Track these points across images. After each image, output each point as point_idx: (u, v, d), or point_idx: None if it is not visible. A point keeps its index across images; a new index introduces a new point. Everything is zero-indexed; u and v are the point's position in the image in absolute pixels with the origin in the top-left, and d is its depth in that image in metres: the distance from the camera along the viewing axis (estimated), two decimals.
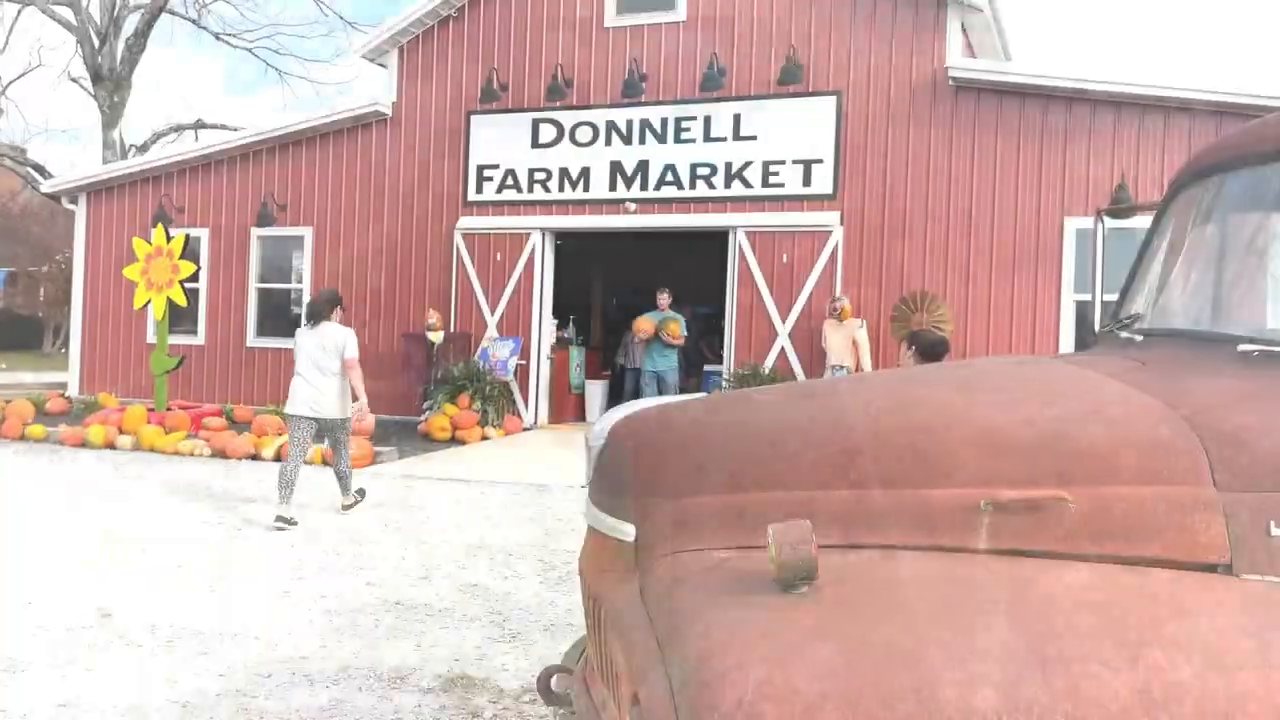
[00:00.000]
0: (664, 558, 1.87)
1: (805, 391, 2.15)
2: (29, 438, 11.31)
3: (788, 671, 1.39)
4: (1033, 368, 2.12)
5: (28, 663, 4.14)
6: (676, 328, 12.26)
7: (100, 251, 15.14)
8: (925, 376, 2.15)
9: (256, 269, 14.47)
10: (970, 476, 1.74)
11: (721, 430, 1.98)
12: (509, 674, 4.15)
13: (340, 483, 7.57)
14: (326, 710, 3.72)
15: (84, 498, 7.86)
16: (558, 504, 8.08)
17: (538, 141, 13.09)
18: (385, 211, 13.77)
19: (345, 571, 5.76)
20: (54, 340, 30.44)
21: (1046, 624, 1.44)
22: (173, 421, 11.26)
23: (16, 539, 6.36)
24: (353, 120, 13.85)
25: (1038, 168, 11.10)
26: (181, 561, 5.89)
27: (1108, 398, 1.83)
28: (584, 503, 2.28)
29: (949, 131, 11.45)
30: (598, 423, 2.33)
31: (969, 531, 1.72)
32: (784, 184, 12.06)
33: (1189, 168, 2.54)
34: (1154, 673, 1.37)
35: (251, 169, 14.46)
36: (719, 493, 1.89)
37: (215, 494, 8.19)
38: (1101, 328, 2.79)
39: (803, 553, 1.54)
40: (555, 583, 5.64)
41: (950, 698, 1.35)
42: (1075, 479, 1.70)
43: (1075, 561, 1.64)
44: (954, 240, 11.39)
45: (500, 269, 13.12)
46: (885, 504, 1.77)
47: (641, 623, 1.73)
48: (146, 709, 3.69)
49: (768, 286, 11.96)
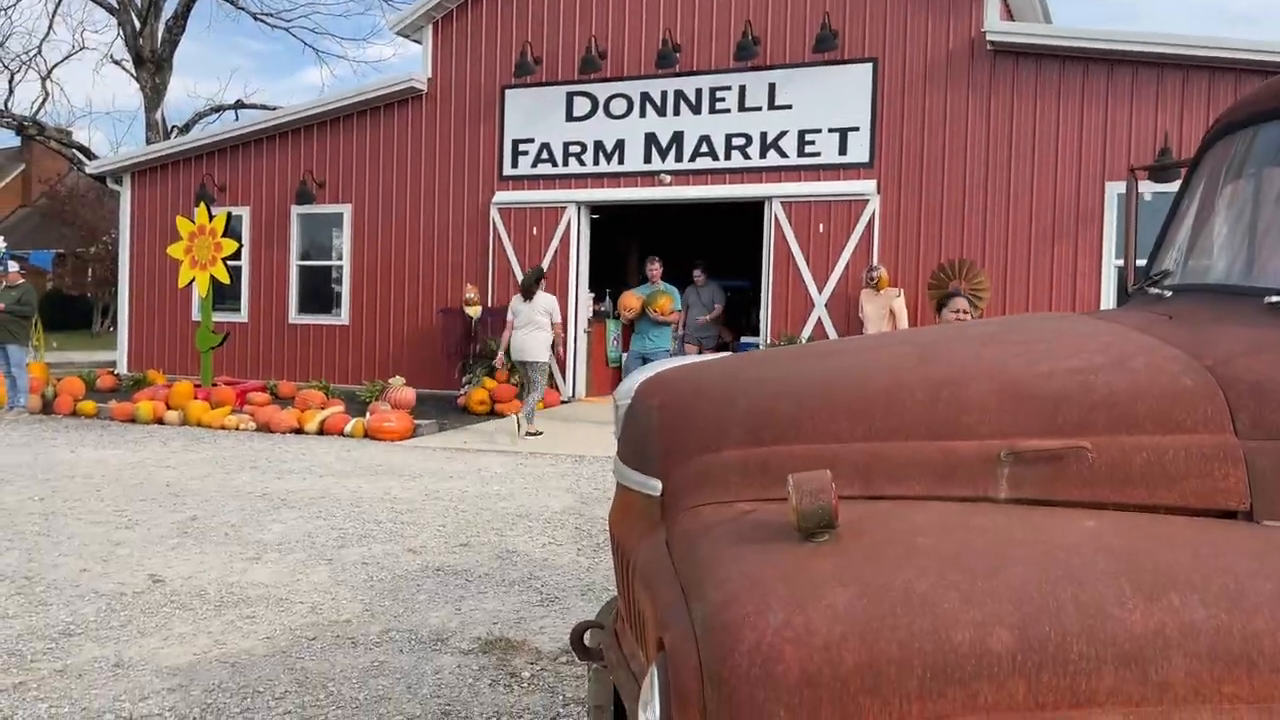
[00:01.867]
0: (689, 511, 1.91)
1: (827, 349, 2.17)
2: (80, 413, 11.60)
3: (807, 614, 1.42)
4: (1057, 322, 2.12)
5: (84, 626, 4.28)
6: (667, 303, 10.76)
7: (145, 231, 15.41)
8: (947, 331, 2.16)
9: (297, 247, 14.66)
10: (991, 428, 1.76)
11: (745, 386, 2.01)
12: (546, 637, 4.23)
13: (526, 413, 9.96)
14: (369, 670, 3.82)
15: (133, 470, 8.06)
16: (594, 474, 8.16)
17: (572, 114, 13.09)
18: (422, 187, 13.87)
19: (387, 539, 5.87)
20: (102, 320, 31.03)
21: (1064, 568, 1.46)
22: (218, 397, 11.48)
23: (68, 509, 6.55)
24: (388, 97, 13.93)
25: (1078, 132, 10.93)
26: (228, 531, 6.04)
27: (1131, 349, 1.83)
28: (613, 462, 2.33)
29: (987, 96, 11.30)
30: (625, 382, 2.37)
31: (989, 482, 1.74)
32: (820, 153, 11.98)
33: (1220, 122, 2.52)
34: (1170, 613, 1.39)
35: (290, 148, 14.62)
36: (742, 447, 1.92)
37: (259, 466, 8.36)
38: (1133, 286, 2.77)
39: (822, 501, 1.57)
40: (592, 550, 5.71)
41: (967, 639, 1.38)
42: (1096, 429, 1.71)
43: (1095, 510, 1.66)
44: (993, 207, 11.26)
45: (536, 243, 13.18)
46: (906, 455, 1.79)
47: (666, 572, 1.77)
48: (197, 669, 3.81)
49: (804, 256, 11.92)
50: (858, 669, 1.38)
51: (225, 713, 3.42)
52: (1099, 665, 1.36)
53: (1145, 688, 1.36)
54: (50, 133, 25.58)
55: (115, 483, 7.51)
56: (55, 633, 4.19)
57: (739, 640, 1.42)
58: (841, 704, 1.37)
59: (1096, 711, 1.36)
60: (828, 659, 1.38)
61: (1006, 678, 1.37)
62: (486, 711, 3.47)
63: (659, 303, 10.69)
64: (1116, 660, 1.36)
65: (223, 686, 3.65)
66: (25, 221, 34.23)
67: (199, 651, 4.01)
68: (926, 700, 1.37)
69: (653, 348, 10.58)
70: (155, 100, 24.22)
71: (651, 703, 1.59)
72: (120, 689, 3.61)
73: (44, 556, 5.38)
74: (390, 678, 3.76)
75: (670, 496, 1.99)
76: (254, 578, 5.06)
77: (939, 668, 1.37)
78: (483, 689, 3.67)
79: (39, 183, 34.32)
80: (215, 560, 5.37)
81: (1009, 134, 11.20)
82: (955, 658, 1.37)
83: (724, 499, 1.90)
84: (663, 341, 10.78)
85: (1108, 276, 10.78)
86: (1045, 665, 1.37)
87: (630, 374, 10.77)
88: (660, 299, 10.76)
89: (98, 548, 5.58)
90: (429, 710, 3.47)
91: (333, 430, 10.33)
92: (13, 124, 25.48)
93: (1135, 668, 1.36)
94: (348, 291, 14.25)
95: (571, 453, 9.11)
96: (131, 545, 5.66)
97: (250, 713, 3.42)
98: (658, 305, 10.67)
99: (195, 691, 3.59)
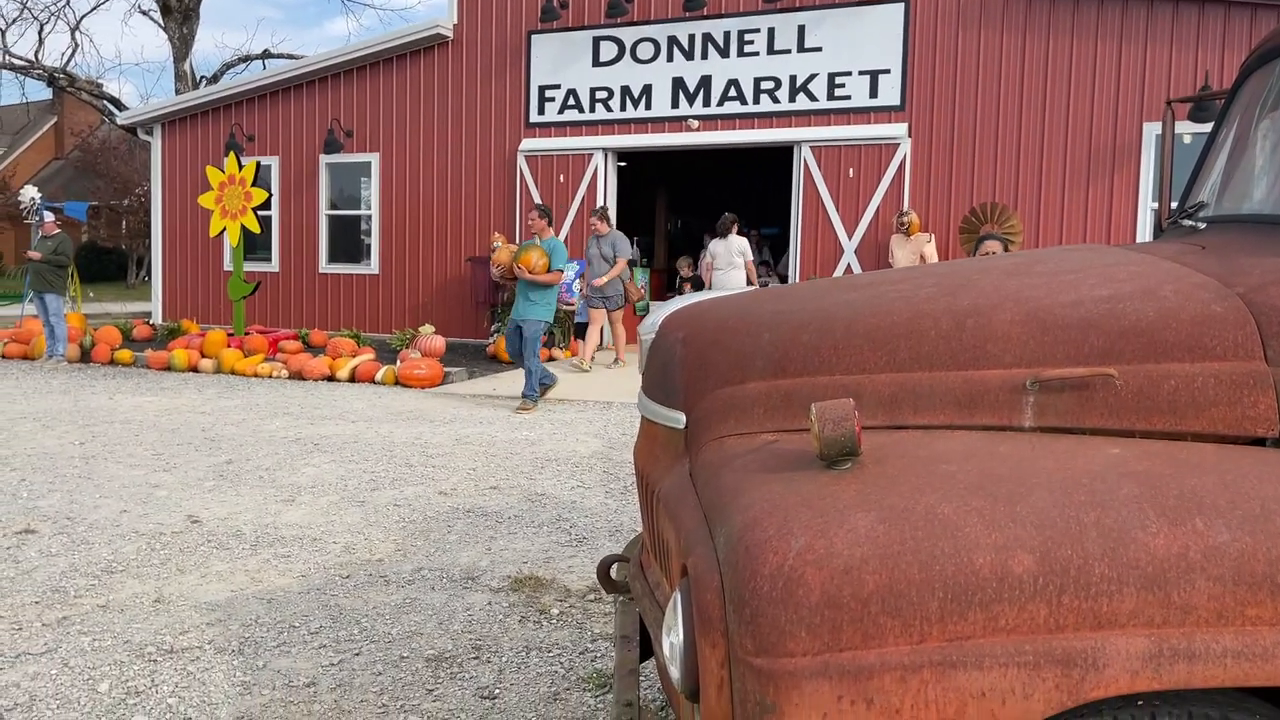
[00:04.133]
0: (712, 442, 1.92)
1: (851, 282, 2.16)
2: (118, 362, 11.78)
3: (829, 538, 1.44)
4: (1086, 253, 2.10)
5: (125, 564, 4.39)
6: (535, 259, 8.53)
7: (176, 181, 15.50)
8: (972, 264, 2.14)
9: (326, 196, 14.70)
10: (1016, 356, 1.75)
11: (769, 318, 2.01)
12: (575, 575, 4.29)
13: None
14: (401, 607, 3.90)
15: (170, 416, 8.20)
16: (622, 420, 8.20)
17: (599, 60, 12.95)
18: (449, 135, 13.82)
19: (418, 482, 5.95)
20: (137, 272, 31.35)
21: (1087, 494, 1.46)
22: (251, 345, 11.61)
23: (107, 453, 6.68)
24: (414, 44, 13.83)
25: (1116, 72, 10.68)
26: (262, 474, 6.14)
27: (1161, 277, 1.81)
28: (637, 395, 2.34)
29: (1022, 36, 11.05)
30: (649, 317, 2.37)
31: (1014, 411, 1.73)
32: (850, 96, 11.80)
33: (1257, 52, 2.45)
34: (1194, 537, 1.39)
35: (317, 96, 14.59)
36: (766, 379, 1.92)
37: (292, 412, 8.47)
38: (1167, 219, 2.73)
39: (845, 429, 1.57)
40: (620, 493, 5.76)
41: (988, 562, 1.39)
42: (1124, 356, 1.69)
43: (1121, 437, 1.65)
44: (1026, 150, 11.06)
45: (563, 191, 13.12)
46: (930, 385, 1.79)
47: (690, 501, 1.79)
48: (234, 604, 3.90)
49: (833, 202, 11.80)
50: (879, 591, 1.39)
51: (263, 646, 3.50)
52: (1121, 588, 1.37)
53: (1168, 610, 1.36)
54: (81, 84, 25.68)
55: (153, 428, 7.65)
56: (97, 570, 4.30)
57: (761, 563, 1.44)
58: (862, 625, 1.39)
59: (1118, 634, 1.37)
60: (849, 581, 1.40)
61: (1027, 600, 1.38)
62: (516, 646, 3.53)
63: (527, 257, 8.57)
64: (1139, 583, 1.37)
65: (259, 621, 3.73)
66: (59, 174, 34.51)
67: (236, 588, 4.10)
68: (947, 622, 1.38)
69: (525, 314, 8.60)
70: (183, 51, 24.21)
71: (675, 626, 1.62)
72: (161, 623, 3.71)
73: (85, 498, 5.51)
74: (422, 614, 3.83)
75: (694, 428, 2.01)
76: (288, 519, 5.15)
77: (960, 590, 1.38)
78: (512, 625, 3.73)
79: (71, 135, 34.51)
80: (250, 502, 5.47)
81: (1044, 74, 10.96)
82: (976, 581, 1.38)
83: (748, 430, 1.91)
84: (539, 309, 8.61)
85: (1144, 220, 10.59)
86: (1067, 588, 1.37)
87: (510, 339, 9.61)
88: (529, 253, 8.60)
89: (137, 490, 5.70)
90: (460, 645, 3.54)
91: (364, 378, 10.43)
92: (44, 75, 25.59)
93: (1158, 590, 1.36)
94: (377, 241, 14.30)
95: (598, 399, 9.15)
96: (169, 488, 5.77)
97: (287, 646, 3.51)
98: (523, 260, 8.57)
99: (233, 626, 3.69)
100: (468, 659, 3.42)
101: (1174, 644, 1.35)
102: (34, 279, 11.63)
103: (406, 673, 3.31)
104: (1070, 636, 1.37)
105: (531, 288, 8.58)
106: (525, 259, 8.55)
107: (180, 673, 3.28)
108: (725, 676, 1.47)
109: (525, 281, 8.57)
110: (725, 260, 11.26)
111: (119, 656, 3.40)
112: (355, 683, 3.23)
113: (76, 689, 3.16)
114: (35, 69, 25.49)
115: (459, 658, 3.43)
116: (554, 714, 3.03)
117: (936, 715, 1.37)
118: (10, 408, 8.50)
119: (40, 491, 5.64)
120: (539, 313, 8.62)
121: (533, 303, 8.60)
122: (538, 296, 8.62)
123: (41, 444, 6.98)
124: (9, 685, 3.17)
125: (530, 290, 8.60)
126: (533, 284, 8.55)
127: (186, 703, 3.07)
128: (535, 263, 8.51)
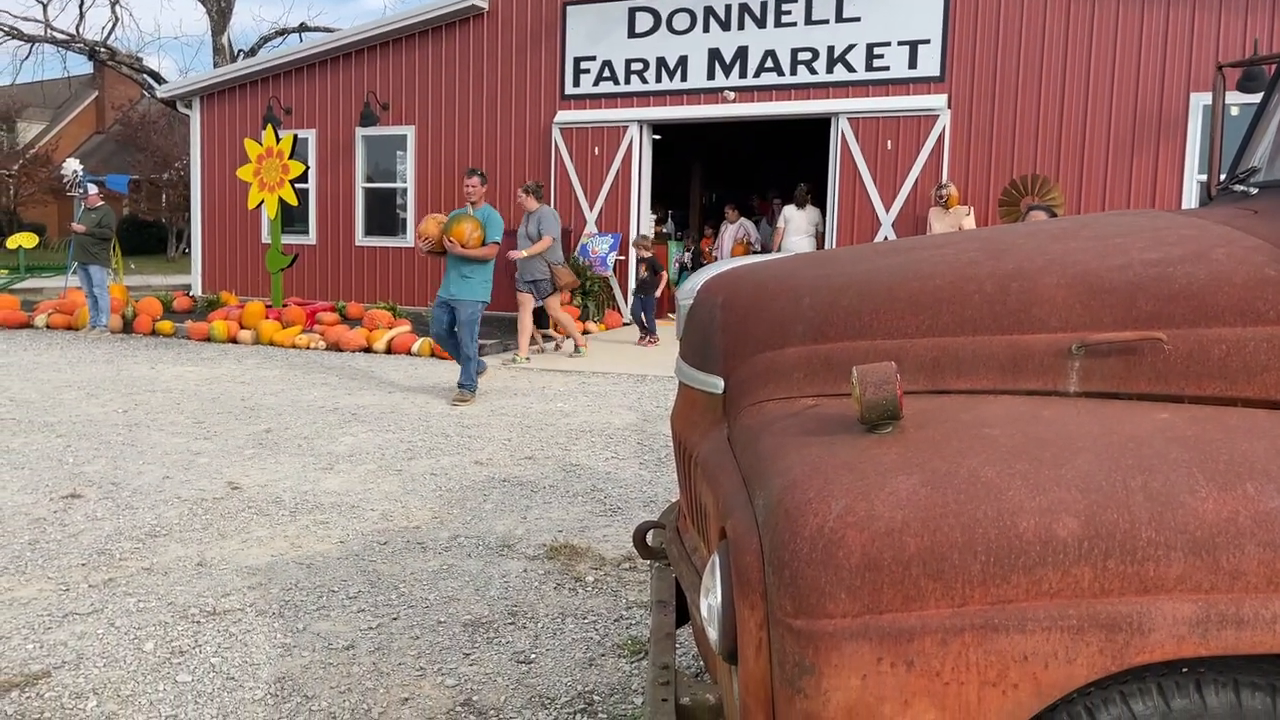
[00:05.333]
0: (751, 407, 1.91)
1: (892, 247, 2.14)
2: (159, 332, 11.95)
3: (870, 500, 1.43)
4: (1135, 217, 2.06)
5: (168, 528, 4.47)
6: (469, 230, 7.54)
7: (215, 154, 15.63)
8: (1017, 229, 2.10)
9: (362, 169, 14.76)
10: (1062, 321, 1.72)
11: (809, 282, 1.99)
12: (609, 544, 4.31)
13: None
14: (438, 573, 3.93)
15: (210, 386, 8.31)
16: (656, 393, 8.20)
17: (634, 31, 12.86)
18: (484, 108, 13.81)
19: (454, 452, 5.99)
20: (177, 245, 31.71)
21: (1134, 458, 1.44)
22: (289, 316, 11.73)
23: (150, 421, 6.79)
24: (449, 16, 13.81)
25: (1162, 40, 10.44)
26: (300, 443, 6.21)
27: (1212, 240, 1.77)
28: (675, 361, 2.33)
29: (1066, 4, 10.82)
30: (687, 281, 2.36)
31: (1060, 375, 1.71)
32: (889, 67, 11.64)
33: None
34: (1244, 502, 1.36)
35: (354, 69, 14.63)
36: (806, 343, 1.91)
37: (329, 383, 8.55)
38: (1218, 186, 2.67)
39: (886, 392, 1.56)
40: (654, 464, 5.77)
41: (1032, 525, 1.38)
42: (1174, 320, 1.66)
43: (1170, 402, 1.62)
44: (1069, 121, 10.86)
45: (598, 164, 13.09)
46: (973, 350, 1.76)
47: (729, 465, 1.78)
48: (274, 569, 3.96)
49: (871, 174, 11.67)
50: (920, 554, 1.38)
51: (303, 609, 3.55)
52: (1168, 553, 1.35)
53: (1216, 575, 1.34)
54: (122, 58, 25.93)
55: (193, 397, 7.75)
56: (141, 534, 4.38)
57: (802, 525, 1.43)
58: (903, 588, 1.38)
59: (1164, 598, 1.35)
60: (890, 544, 1.39)
61: (1072, 564, 1.36)
62: (552, 612, 3.56)
63: (458, 229, 7.54)
64: (1186, 548, 1.35)
65: (299, 585, 3.79)
66: (100, 148, 34.91)
67: (276, 553, 4.16)
68: (989, 585, 1.37)
69: (459, 293, 7.63)
70: (221, 24, 24.36)
71: (714, 589, 1.62)
72: (203, 586, 3.77)
73: (129, 464, 5.60)
74: (459, 580, 3.87)
75: (733, 393, 2.00)
76: (327, 486, 5.21)
77: (1003, 553, 1.37)
78: (548, 592, 3.76)
79: (112, 109, 34.89)
80: (290, 470, 5.54)
81: (1088, 43, 10.74)
82: (1020, 544, 1.37)
83: (787, 395, 1.89)
84: (473, 288, 7.65)
85: (1189, 192, 10.38)
86: (1112, 552, 1.36)
87: (438, 321, 7.69)
88: (460, 224, 7.57)
89: (178, 457, 5.79)
90: (497, 610, 3.57)
91: (400, 349, 10.50)
92: (85, 49, 25.85)
93: (1206, 556, 1.34)
94: (412, 214, 14.35)
95: (633, 372, 9.16)
96: (210, 455, 5.86)
97: (326, 610, 3.55)
98: (454, 232, 7.54)
99: (274, 590, 3.74)
100: (504, 624, 3.45)
101: (1222, 609, 1.33)
102: (77, 251, 11.80)
103: (444, 637, 3.34)
104: (1115, 601, 1.35)
105: (465, 263, 7.58)
106: (458, 231, 7.50)
107: (222, 634, 3.34)
108: (764, 638, 1.47)
109: (457, 257, 7.58)
110: (797, 228, 12.18)
111: (163, 617, 3.47)
112: (393, 646, 3.27)
113: (122, 648, 3.22)
114: (76, 43, 25.77)
115: (495, 623, 3.46)
116: (589, 679, 3.05)
117: (978, 678, 1.36)
118: (56, 376, 8.65)
119: (86, 458, 5.74)
120: (475, 292, 7.65)
121: (467, 280, 7.61)
122: (473, 273, 7.62)
123: (86, 412, 7.10)
124: (57, 644, 3.25)
125: (464, 266, 7.60)
126: (467, 259, 7.58)
127: (229, 663, 3.13)
128: (469, 235, 7.50)
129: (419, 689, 2.98)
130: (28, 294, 15.84)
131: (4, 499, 4.88)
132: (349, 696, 2.93)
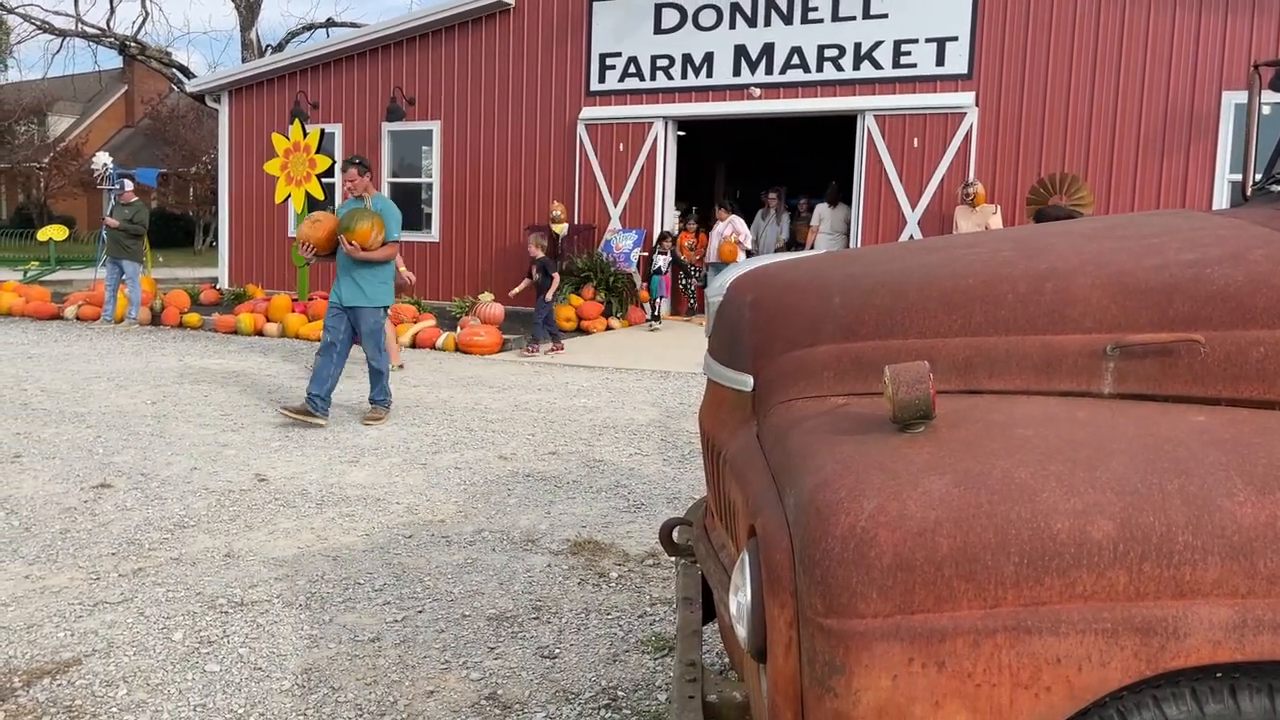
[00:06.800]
0: (781, 405, 1.90)
1: (923, 245, 2.12)
2: (186, 325, 12.05)
3: (902, 500, 1.42)
4: (1170, 217, 2.04)
5: (196, 519, 4.51)
6: (372, 233, 6.47)
7: (243, 148, 15.75)
8: (1053, 227, 2.09)
9: (388, 164, 14.82)
10: (1097, 321, 1.71)
11: (840, 281, 1.98)
12: (633, 540, 4.31)
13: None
14: (462, 567, 3.95)
15: (237, 378, 8.38)
16: (679, 389, 8.20)
17: (660, 27, 12.85)
18: (510, 103, 13.83)
19: (478, 446, 6.02)
20: (204, 238, 31.98)
21: (1170, 460, 1.42)
22: (315, 310, 11.79)
23: (178, 413, 6.85)
24: (476, 11, 13.84)
25: (1194, 38, 10.32)
26: (326, 436, 6.25)
27: (1250, 241, 1.75)
28: (704, 358, 2.33)
29: (1096, 1, 10.72)
30: (717, 278, 2.35)
31: (1094, 376, 1.69)
32: (916, 64, 11.57)
33: None
34: None
35: (380, 64, 14.69)
36: (836, 341, 1.90)
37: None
38: (1253, 187, 2.63)
39: (919, 391, 1.55)
40: (678, 461, 5.77)
41: (1066, 527, 1.36)
42: (1211, 322, 1.64)
43: (1206, 405, 1.60)
44: (1099, 120, 10.76)
45: (623, 160, 13.08)
46: (1006, 350, 1.75)
47: (758, 463, 1.78)
48: (301, 561, 3.99)
49: (897, 172, 11.61)
50: (952, 554, 1.37)
51: (329, 601, 3.58)
52: (1205, 556, 1.33)
53: (1253, 580, 1.33)
54: (151, 52, 26.17)
55: (221, 389, 7.82)
56: (170, 524, 4.43)
57: (833, 524, 1.42)
58: (935, 588, 1.37)
59: (1200, 602, 1.33)
60: (922, 543, 1.38)
61: (1107, 567, 1.35)
62: (576, 607, 3.56)
63: (358, 230, 6.44)
64: (1223, 552, 1.33)
65: (325, 578, 3.82)
66: (129, 142, 35.24)
67: (302, 545, 4.19)
68: (1023, 587, 1.36)
69: (356, 299, 6.57)
70: (249, 19, 24.53)
71: (743, 587, 1.61)
72: (231, 577, 3.81)
73: (157, 455, 5.66)
74: (483, 574, 3.88)
75: (762, 391, 1.99)
76: (352, 479, 5.25)
77: (1036, 555, 1.36)
78: (572, 587, 3.77)
79: (141, 103, 35.21)
80: (315, 462, 5.58)
81: (1119, 41, 10.64)
82: (1054, 546, 1.36)
83: (817, 394, 1.89)
84: (377, 290, 6.63)
85: (1220, 192, 10.26)
86: (1148, 556, 1.34)
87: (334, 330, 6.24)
88: (359, 224, 6.45)
89: (206, 448, 5.85)
90: (520, 605, 3.58)
91: (424, 344, 10.55)
92: (115, 43, 26.10)
93: (1243, 560, 1.33)
94: (438, 209, 14.40)
95: (656, 369, 9.16)
96: (237, 447, 5.91)
97: (352, 602, 3.58)
98: (357, 234, 6.43)
99: (300, 581, 3.77)
100: (528, 619, 3.46)
101: (1259, 615, 1.32)
102: (110, 245, 11.91)
103: (468, 630, 3.36)
104: (1151, 604, 1.34)
105: (363, 265, 6.54)
106: (361, 233, 6.42)
107: (250, 624, 3.37)
108: (794, 637, 1.46)
109: (351, 259, 6.51)
110: (830, 225, 12.55)
111: (191, 607, 3.50)
112: (418, 639, 3.29)
113: (152, 637, 3.26)
114: (107, 37, 26.02)
115: (519, 617, 3.47)
116: (613, 675, 3.06)
117: (1010, 680, 1.35)
118: (85, 368, 8.75)
119: (115, 448, 5.81)
120: (378, 295, 6.63)
121: (366, 284, 6.57)
122: (374, 275, 6.60)
123: (115, 403, 7.18)
124: (88, 632, 3.29)
125: (361, 268, 6.55)
126: (365, 261, 6.53)
127: (257, 653, 3.15)
128: (373, 239, 6.48)
129: (444, 682, 3.00)
130: (58, 285, 16.02)
131: (36, 488, 4.95)
132: (375, 688, 2.95)
